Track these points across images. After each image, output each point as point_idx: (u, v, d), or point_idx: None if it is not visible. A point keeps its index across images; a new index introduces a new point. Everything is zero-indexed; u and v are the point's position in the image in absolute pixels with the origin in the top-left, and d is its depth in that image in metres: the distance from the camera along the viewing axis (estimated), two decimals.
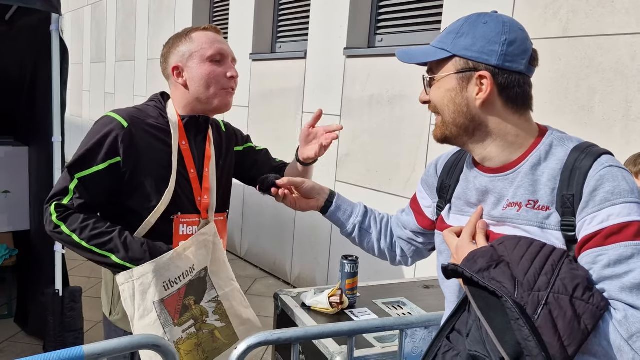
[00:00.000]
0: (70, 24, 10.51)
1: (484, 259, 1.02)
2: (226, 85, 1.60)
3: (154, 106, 1.64)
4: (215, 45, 1.59)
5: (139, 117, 1.56)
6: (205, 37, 1.60)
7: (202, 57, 1.57)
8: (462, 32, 1.11)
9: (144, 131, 1.55)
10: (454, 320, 1.15)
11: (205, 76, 1.57)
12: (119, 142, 1.50)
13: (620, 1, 2.41)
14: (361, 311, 1.99)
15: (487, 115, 1.11)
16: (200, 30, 1.61)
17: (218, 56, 1.58)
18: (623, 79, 2.41)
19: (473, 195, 1.18)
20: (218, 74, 1.58)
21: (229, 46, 1.64)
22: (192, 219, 1.61)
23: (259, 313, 3.88)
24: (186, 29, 1.64)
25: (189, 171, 1.60)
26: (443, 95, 1.13)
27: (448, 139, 1.17)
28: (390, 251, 1.52)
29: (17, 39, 3.58)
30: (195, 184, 1.62)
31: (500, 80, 1.08)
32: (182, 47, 1.59)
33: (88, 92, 9.71)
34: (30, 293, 3.34)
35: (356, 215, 1.51)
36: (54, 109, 2.80)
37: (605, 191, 0.99)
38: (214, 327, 1.63)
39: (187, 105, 1.62)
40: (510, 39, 1.08)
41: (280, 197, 1.48)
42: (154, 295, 1.49)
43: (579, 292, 0.94)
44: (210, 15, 6.22)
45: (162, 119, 1.60)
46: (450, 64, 1.11)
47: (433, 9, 3.48)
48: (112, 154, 1.50)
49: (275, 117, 4.84)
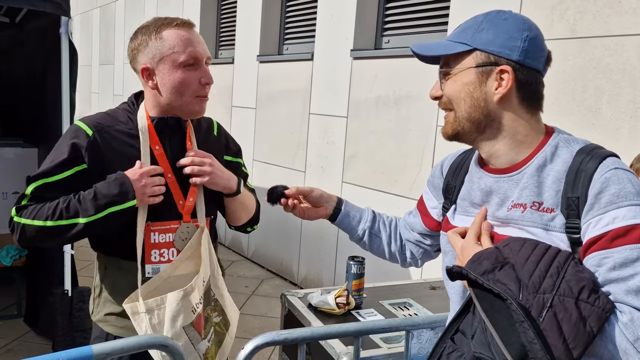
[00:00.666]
0: (79, 27, 10.58)
1: (488, 261, 1.02)
2: (200, 93, 1.49)
3: (124, 109, 1.56)
4: (188, 48, 1.45)
5: (106, 124, 1.50)
6: (177, 37, 1.45)
7: (174, 63, 1.44)
8: (482, 27, 1.10)
9: (111, 137, 1.49)
10: (458, 321, 1.15)
11: (177, 84, 1.46)
12: (84, 150, 1.45)
13: (628, 2, 2.40)
14: (367, 312, 2.00)
15: (502, 111, 1.10)
16: (173, 27, 1.46)
17: (191, 60, 1.46)
18: (631, 80, 2.40)
19: (477, 195, 1.18)
20: (191, 81, 1.46)
21: (202, 44, 1.50)
22: (166, 227, 1.53)
23: (265, 314, 3.91)
24: (157, 23, 1.48)
25: (165, 176, 1.51)
26: (460, 88, 1.12)
27: (459, 136, 1.16)
28: (400, 254, 1.52)
29: (26, 41, 3.61)
30: (175, 188, 1.53)
31: (519, 76, 1.08)
32: (152, 47, 1.46)
33: (97, 94, 9.77)
34: (39, 293, 3.36)
35: (365, 220, 1.51)
36: (63, 111, 2.82)
37: (610, 193, 0.99)
38: (215, 323, 1.63)
39: (158, 107, 1.52)
40: (531, 36, 1.09)
41: (290, 207, 1.48)
42: (183, 321, 1.47)
43: (585, 295, 0.94)
44: (217, 17, 6.25)
45: (132, 123, 1.52)
46: (470, 57, 1.11)
47: (439, 10, 3.48)
48: (75, 162, 1.46)
49: (282, 118, 4.85)
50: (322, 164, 4.36)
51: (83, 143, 1.46)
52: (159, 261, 1.54)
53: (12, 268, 3.55)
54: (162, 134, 1.53)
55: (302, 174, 4.58)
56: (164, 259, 1.53)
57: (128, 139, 1.50)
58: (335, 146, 4.21)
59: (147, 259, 1.52)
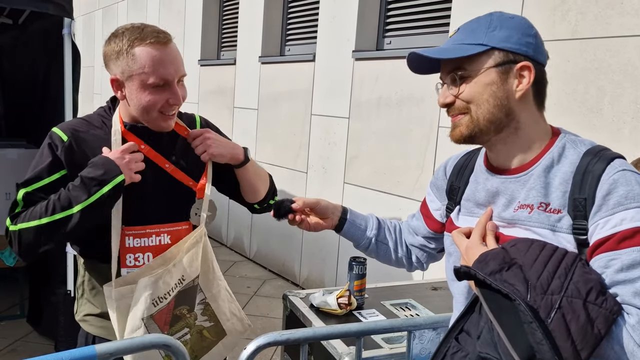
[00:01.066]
0: (82, 28, 10.60)
1: (495, 261, 1.02)
2: (166, 111, 1.47)
3: (99, 114, 1.57)
4: (159, 70, 1.41)
5: (81, 129, 1.52)
6: (148, 56, 1.40)
7: (143, 83, 1.42)
8: (493, 25, 1.10)
9: (85, 142, 1.49)
10: (462, 321, 1.15)
11: (142, 104, 1.44)
12: (61, 155, 1.47)
13: (630, 3, 2.40)
14: (369, 312, 2.00)
15: (522, 108, 1.11)
16: (146, 44, 1.41)
17: (161, 82, 1.42)
18: (633, 81, 2.40)
19: (482, 196, 1.18)
20: (157, 102, 1.44)
21: (175, 62, 1.45)
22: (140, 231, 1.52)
23: (267, 314, 3.91)
24: (131, 35, 1.42)
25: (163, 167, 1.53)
26: (482, 90, 1.10)
27: (474, 138, 1.13)
28: (407, 259, 1.52)
29: (29, 42, 3.63)
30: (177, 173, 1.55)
31: (536, 72, 1.09)
32: (122, 62, 1.43)
33: (99, 95, 9.79)
34: (42, 293, 3.37)
35: (371, 228, 1.50)
36: (66, 112, 2.83)
37: (618, 195, 0.99)
38: (202, 328, 1.62)
39: (130, 116, 1.52)
40: (536, 32, 1.11)
41: (297, 222, 1.46)
42: (142, 312, 1.46)
43: (592, 296, 0.94)
44: (219, 18, 6.26)
45: (106, 127, 1.53)
46: (487, 57, 1.09)
47: (441, 11, 3.49)
48: (57, 167, 1.47)
49: (284, 119, 4.86)
50: (324, 164, 4.37)
51: (60, 148, 1.47)
52: (134, 265, 1.52)
53: (15, 269, 3.57)
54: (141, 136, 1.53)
55: (304, 175, 4.59)
56: (139, 263, 1.52)
57: (102, 143, 1.50)
58: (337, 147, 4.22)
59: (122, 262, 1.51)
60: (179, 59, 1.48)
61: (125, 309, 1.47)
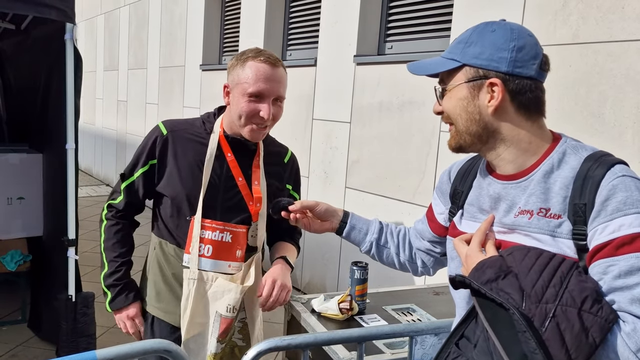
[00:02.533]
0: (84, 33, 10.64)
1: (492, 269, 1.02)
2: (256, 122, 1.64)
3: (202, 118, 1.77)
4: (259, 83, 1.60)
5: (181, 127, 1.73)
6: (255, 70, 1.60)
7: (243, 91, 1.61)
8: (470, 41, 1.12)
9: (182, 139, 1.70)
10: (463, 326, 1.15)
11: (239, 109, 1.62)
12: (156, 146, 1.69)
13: (631, 7, 2.40)
14: (371, 317, 1.99)
15: (499, 122, 1.11)
16: (257, 60, 1.62)
17: (257, 93, 1.61)
18: (634, 85, 2.40)
19: (486, 201, 1.19)
20: (250, 111, 1.62)
21: (277, 83, 1.64)
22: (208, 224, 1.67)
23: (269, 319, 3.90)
24: (249, 52, 1.65)
25: (236, 180, 1.69)
26: (455, 104, 1.14)
27: (462, 148, 1.18)
28: (411, 263, 1.52)
29: (32, 47, 3.64)
30: (245, 190, 1.70)
31: (511, 87, 1.09)
32: (235, 71, 1.64)
33: (101, 99, 9.82)
34: (43, 298, 3.37)
35: (372, 232, 1.52)
36: (68, 117, 2.84)
37: (617, 201, 0.99)
38: (235, 344, 1.72)
39: (230, 124, 1.70)
40: (519, 45, 1.09)
41: (293, 221, 1.50)
42: (219, 307, 1.66)
43: (588, 305, 0.94)
44: (221, 23, 6.28)
45: (204, 131, 1.72)
46: (461, 73, 1.13)
47: (442, 16, 3.49)
48: (151, 156, 1.70)
49: (285, 124, 4.85)
50: (326, 169, 4.37)
51: (157, 139, 1.70)
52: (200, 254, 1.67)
53: (16, 273, 3.57)
54: (233, 149, 1.71)
55: (305, 180, 4.59)
56: (199, 252, 1.67)
57: (196, 145, 1.70)
58: (338, 151, 4.22)
59: (186, 248, 1.68)
60: (282, 83, 1.68)
61: (201, 294, 1.66)
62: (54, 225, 3.30)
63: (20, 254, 3.56)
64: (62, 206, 2.93)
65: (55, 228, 3.22)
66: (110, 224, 1.79)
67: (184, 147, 1.69)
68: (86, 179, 9.57)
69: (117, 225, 1.79)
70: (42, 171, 3.53)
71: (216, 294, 1.66)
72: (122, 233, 1.79)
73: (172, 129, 1.72)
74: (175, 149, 1.69)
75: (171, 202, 1.69)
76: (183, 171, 1.68)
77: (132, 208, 1.80)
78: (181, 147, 1.69)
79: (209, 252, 1.66)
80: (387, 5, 3.97)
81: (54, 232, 3.21)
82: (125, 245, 1.79)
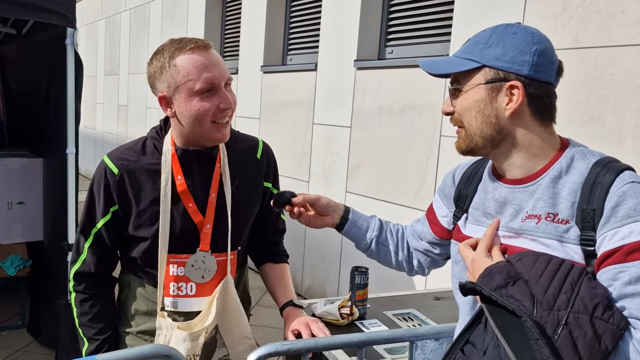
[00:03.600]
0: (85, 38, 10.67)
1: (500, 275, 1.01)
2: (219, 119, 1.42)
3: (151, 138, 1.54)
4: (203, 74, 1.37)
5: (131, 159, 1.49)
6: (191, 63, 1.37)
7: (190, 91, 1.37)
8: (490, 42, 1.10)
9: (136, 174, 1.48)
10: (468, 332, 1.14)
11: (195, 113, 1.39)
12: (112, 190, 1.48)
13: (631, 12, 2.41)
14: (371, 322, 1.98)
15: (515, 126, 1.10)
16: (186, 51, 1.37)
17: (208, 87, 1.38)
18: (635, 90, 2.40)
19: (491, 205, 1.18)
20: (208, 109, 1.39)
21: (219, 65, 1.41)
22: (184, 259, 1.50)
23: (269, 324, 3.89)
24: (171, 47, 1.40)
25: (186, 206, 1.48)
26: (471, 106, 1.12)
27: (472, 151, 1.16)
28: (407, 263, 1.52)
29: (33, 52, 3.65)
30: (197, 217, 1.50)
31: (530, 91, 1.08)
32: (167, 75, 1.39)
33: (102, 104, 9.83)
34: (43, 303, 3.36)
35: (372, 229, 1.51)
36: (69, 121, 2.85)
37: (627, 207, 0.98)
38: None
39: (183, 137, 1.48)
40: (540, 50, 1.08)
41: (295, 215, 1.47)
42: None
43: (599, 312, 0.93)
44: (222, 27, 6.29)
45: (157, 154, 1.50)
46: (479, 74, 1.10)
47: (443, 20, 3.50)
48: (111, 202, 1.49)
49: (286, 128, 4.86)
50: (326, 173, 4.36)
51: (112, 183, 1.47)
52: (176, 294, 1.52)
53: (16, 278, 3.56)
54: (191, 162, 1.50)
55: (306, 184, 4.59)
56: (181, 292, 1.52)
57: (151, 174, 1.48)
58: (339, 156, 4.22)
59: (165, 291, 1.52)
60: (223, 63, 1.44)
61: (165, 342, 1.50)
62: (54, 230, 3.30)
63: (20, 259, 3.56)
64: (62, 211, 2.93)
65: (55, 233, 3.22)
66: (81, 298, 1.55)
67: (141, 184, 1.48)
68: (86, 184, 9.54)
69: (89, 299, 1.54)
70: (42, 176, 3.53)
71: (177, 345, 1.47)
72: (99, 305, 1.55)
73: (122, 166, 1.47)
74: (132, 188, 1.48)
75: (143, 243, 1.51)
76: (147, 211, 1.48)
77: (104, 265, 1.56)
78: (138, 185, 1.48)
79: (192, 291, 1.51)
80: (388, 10, 3.98)
81: (54, 237, 3.21)
82: (103, 319, 1.55)
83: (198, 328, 1.50)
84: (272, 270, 1.75)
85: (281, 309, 1.67)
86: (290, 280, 1.77)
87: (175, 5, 6.98)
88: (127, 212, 1.49)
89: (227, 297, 1.55)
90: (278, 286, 1.71)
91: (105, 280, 1.60)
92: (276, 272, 1.74)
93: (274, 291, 1.72)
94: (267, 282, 1.75)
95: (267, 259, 1.77)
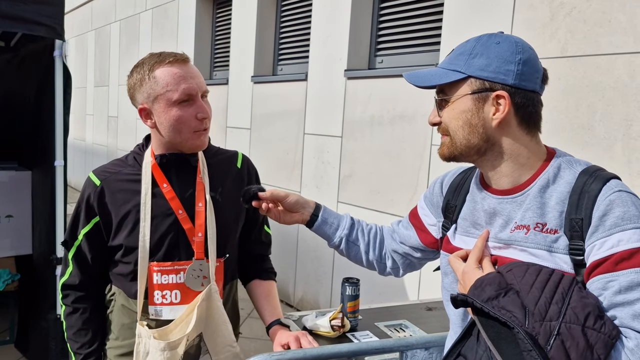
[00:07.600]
0: (75, 49, 10.65)
1: (492, 287, 1.01)
2: (198, 128, 1.48)
3: (133, 152, 1.60)
4: (181, 85, 1.44)
5: (113, 171, 1.56)
6: (170, 75, 1.44)
7: (169, 101, 1.45)
8: (474, 52, 1.10)
9: (115, 186, 1.53)
10: (460, 345, 1.13)
11: (174, 122, 1.46)
12: (92, 201, 1.53)
13: (618, 21, 2.43)
14: (363, 334, 1.97)
15: (501, 135, 1.10)
16: (165, 64, 1.45)
17: (185, 97, 1.45)
18: (623, 98, 2.41)
19: (481, 216, 1.18)
20: (187, 118, 1.46)
21: (196, 77, 1.49)
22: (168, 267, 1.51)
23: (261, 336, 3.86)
24: (150, 61, 1.48)
25: (176, 213, 1.51)
26: (457, 116, 1.12)
27: (456, 158, 1.16)
28: (379, 263, 1.51)
29: (21, 64, 3.62)
30: (187, 224, 1.52)
31: (517, 100, 1.08)
32: (146, 87, 1.46)
33: (91, 115, 9.79)
34: (31, 318, 3.32)
35: (343, 228, 1.49)
36: (57, 133, 2.82)
37: (615, 216, 0.98)
38: None
39: (162, 146, 1.54)
40: (524, 58, 1.08)
41: (264, 210, 1.46)
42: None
43: (591, 321, 0.93)
44: (212, 38, 6.29)
45: (138, 165, 1.56)
46: (465, 85, 1.10)
47: (432, 30, 3.52)
48: (92, 213, 1.54)
49: (277, 139, 4.86)
50: (318, 183, 4.36)
51: (92, 194, 1.53)
52: (161, 303, 1.52)
53: (4, 293, 3.51)
54: (169, 171, 1.54)
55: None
56: (166, 301, 1.53)
57: (132, 184, 1.53)
58: (330, 166, 4.21)
59: (150, 299, 1.52)
60: (200, 76, 1.52)
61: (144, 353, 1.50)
62: (43, 243, 3.26)
63: (9, 273, 3.51)
64: (51, 224, 2.89)
65: (44, 246, 3.18)
66: (68, 312, 1.59)
67: (121, 194, 1.52)
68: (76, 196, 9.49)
69: (75, 312, 1.58)
70: (31, 189, 3.49)
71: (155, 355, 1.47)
72: (83, 319, 1.58)
73: (103, 177, 1.54)
74: (112, 198, 1.52)
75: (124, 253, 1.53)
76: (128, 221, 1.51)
77: (88, 278, 1.59)
78: (117, 195, 1.52)
79: (177, 299, 1.53)
80: (377, 20, 4.00)
81: (44, 251, 3.17)
82: (87, 334, 1.58)
83: (177, 336, 1.49)
84: (259, 287, 1.74)
85: (267, 327, 1.65)
86: (277, 298, 1.75)
87: (166, 17, 6.98)
88: (108, 222, 1.52)
89: (211, 304, 1.55)
90: (265, 304, 1.70)
91: (91, 293, 1.61)
92: (263, 289, 1.73)
93: (261, 309, 1.70)
94: (254, 299, 1.74)
95: (255, 275, 1.76)
